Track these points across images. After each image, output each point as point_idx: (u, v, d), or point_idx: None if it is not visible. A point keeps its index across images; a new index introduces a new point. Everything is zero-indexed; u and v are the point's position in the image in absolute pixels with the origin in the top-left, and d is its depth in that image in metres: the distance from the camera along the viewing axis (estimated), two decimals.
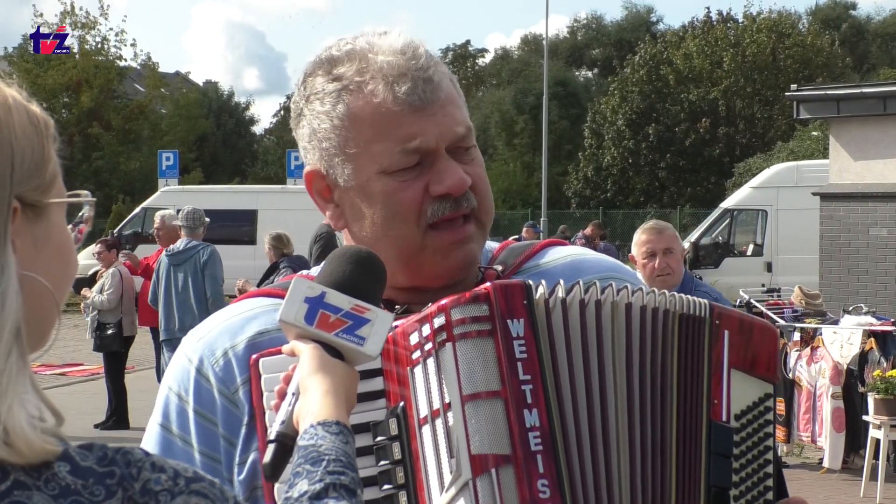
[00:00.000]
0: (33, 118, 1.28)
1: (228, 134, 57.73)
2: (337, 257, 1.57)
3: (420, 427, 1.50)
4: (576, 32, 63.38)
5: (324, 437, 1.34)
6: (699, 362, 1.63)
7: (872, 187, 13.80)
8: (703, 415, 1.62)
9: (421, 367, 1.51)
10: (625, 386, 1.56)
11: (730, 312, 1.69)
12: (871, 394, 9.12)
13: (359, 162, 1.70)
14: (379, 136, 1.68)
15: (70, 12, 42.81)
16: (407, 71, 1.68)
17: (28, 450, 1.15)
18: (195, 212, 10.85)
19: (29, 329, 1.23)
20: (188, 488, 1.20)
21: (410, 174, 1.69)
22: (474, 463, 1.45)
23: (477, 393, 1.47)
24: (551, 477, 1.45)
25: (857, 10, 64.05)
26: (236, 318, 1.74)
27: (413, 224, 1.69)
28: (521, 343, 1.50)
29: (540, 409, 1.48)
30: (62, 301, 1.30)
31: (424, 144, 1.67)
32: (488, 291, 1.52)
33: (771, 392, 1.69)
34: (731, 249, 23.39)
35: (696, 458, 1.60)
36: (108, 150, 42.75)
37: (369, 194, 1.71)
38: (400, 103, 1.67)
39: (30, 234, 1.25)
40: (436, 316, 1.51)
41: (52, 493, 1.15)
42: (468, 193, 1.71)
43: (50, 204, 1.27)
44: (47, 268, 1.26)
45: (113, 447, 1.20)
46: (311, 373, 1.43)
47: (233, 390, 1.68)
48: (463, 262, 1.72)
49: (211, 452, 1.68)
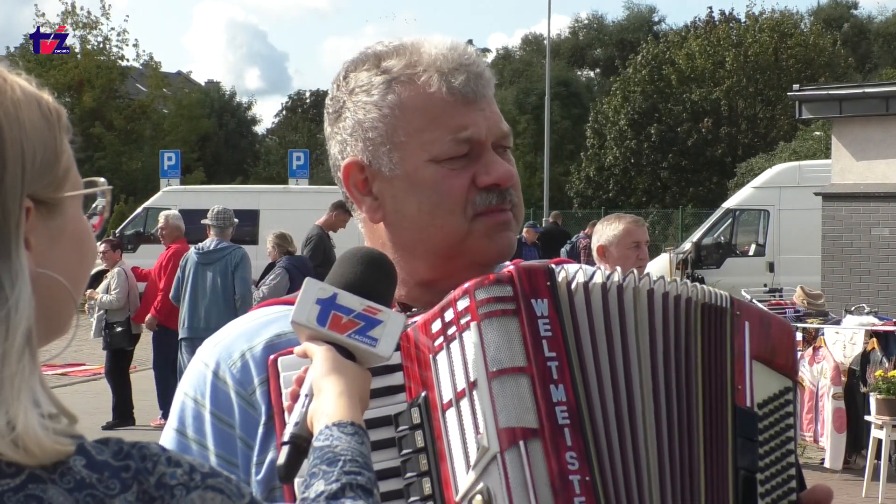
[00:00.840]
0: (45, 110, 1.27)
1: (230, 134, 57.75)
2: (348, 259, 1.57)
3: (444, 412, 1.50)
4: (578, 32, 63.37)
5: (339, 438, 1.34)
6: (722, 350, 1.64)
7: (874, 187, 13.79)
8: (728, 399, 1.63)
9: (444, 353, 1.52)
10: (649, 366, 1.57)
11: (749, 305, 1.71)
12: (873, 394, 9.12)
13: (408, 150, 1.73)
14: (431, 125, 1.72)
15: (71, 12, 42.84)
16: (460, 65, 1.73)
17: (40, 451, 1.15)
18: (225, 211, 10.83)
19: (47, 323, 1.24)
20: (204, 483, 1.20)
21: (459, 163, 1.72)
22: (502, 436, 1.45)
23: (503, 369, 1.47)
24: (579, 450, 1.46)
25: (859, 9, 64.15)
26: (253, 323, 1.76)
27: (460, 213, 1.72)
28: (546, 322, 1.50)
29: (566, 385, 1.48)
30: (80, 291, 1.30)
31: (476, 135, 1.72)
32: (511, 273, 1.53)
33: (791, 387, 1.70)
34: (733, 249, 23.37)
35: (722, 440, 1.61)
36: (110, 150, 42.74)
37: (417, 182, 1.73)
38: (454, 94, 1.72)
39: (44, 230, 1.24)
40: (460, 298, 1.52)
41: (67, 487, 1.15)
42: (511, 190, 1.75)
43: (64, 198, 1.26)
44: (63, 261, 1.26)
45: (129, 442, 1.20)
46: (324, 374, 1.43)
47: (250, 391, 1.69)
48: (506, 246, 1.75)
49: (227, 455, 1.69)
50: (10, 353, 1.17)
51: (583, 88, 55.92)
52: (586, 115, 48.87)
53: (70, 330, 1.31)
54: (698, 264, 22.15)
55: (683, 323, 1.61)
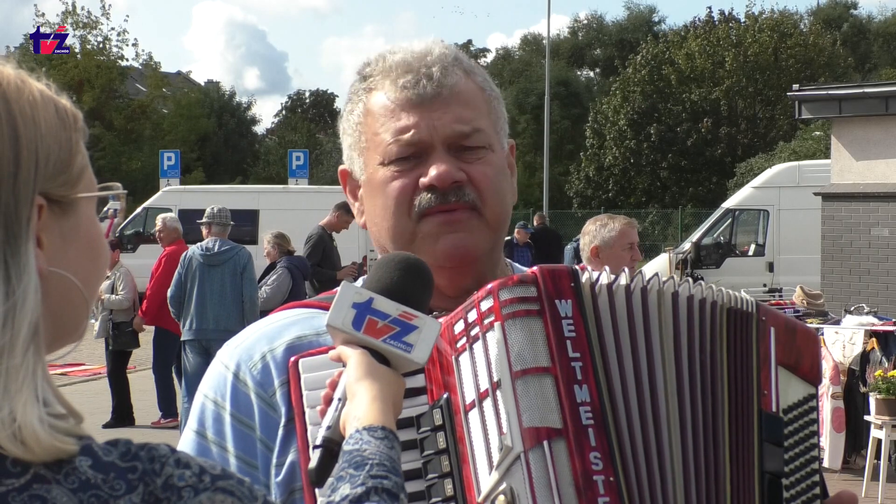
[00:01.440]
0: (61, 112, 1.28)
1: (230, 134, 57.74)
2: (385, 263, 1.57)
3: (466, 413, 1.50)
4: (577, 32, 63.38)
5: (368, 442, 1.34)
6: (748, 355, 1.64)
7: (874, 187, 13.79)
8: (755, 404, 1.63)
9: (467, 354, 1.52)
10: (674, 369, 1.56)
11: (775, 311, 1.71)
12: (872, 394, 9.12)
13: (367, 155, 1.79)
14: (381, 129, 1.76)
15: (72, 12, 42.85)
16: (412, 68, 1.76)
17: (38, 447, 1.15)
18: (224, 210, 10.79)
19: (59, 324, 1.24)
20: (214, 485, 1.20)
21: (406, 165, 1.75)
22: (526, 436, 1.44)
23: (527, 369, 1.47)
24: (603, 450, 1.45)
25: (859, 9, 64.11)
26: (273, 325, 1.77)
27: (405, 214, 1.75)
28: (570, 322, 1.50)
29: (590, 386, 1.48)
30: (93, 294, 1.30)
31: (416, 137, 1.74)
32: (535, 274, 1.53)
33: (815, 393, 1.70)
34: (733, 249, 23.36)
35: (748, 444, 1.60)
36: (109, 150, 42.76)
37: (374, 185, 1.78)
38: (400, 98, 1.75)
39: (57, 229, 1.25)
40: (483, 299, 1.52)
41: (72, 487, 1.15)
42: (462, 189, 1.74)
43: (78, 198, 1.27)
44: (76, 262, 1.27)
45: (138, 443, 1.20)
46: (358, 378, 1.43)
47: (270, 393, 1.69)
48: (454, 249, 1.74)
49: (247, 457, 1.69)
50: (15, 345, 1.17)
51: (582, 88, 55.93)
52: (586, 115, 48.88)
53: (81, 334, 1.31)
54: (698, 264, 22.14)
55: (708, 326, 1.61)
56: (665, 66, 46.35)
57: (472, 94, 1.79)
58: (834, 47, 47.96)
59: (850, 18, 59.45)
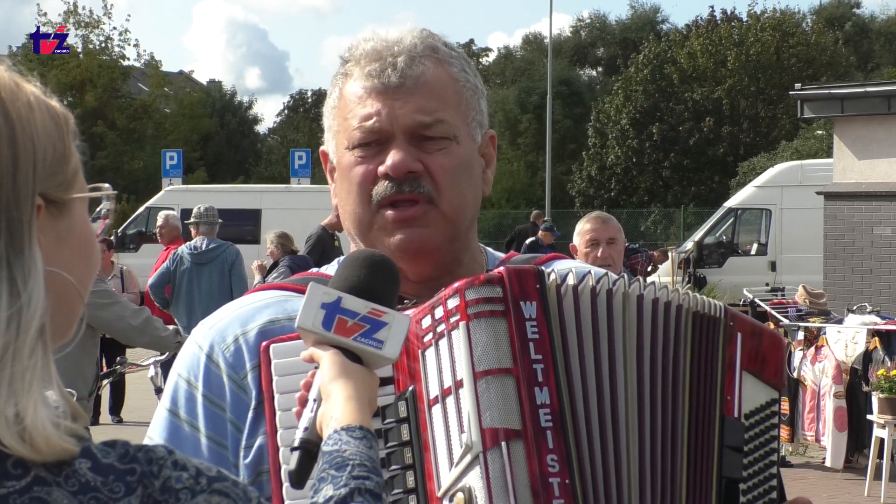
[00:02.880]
0: (54, 114, 1.30)
1: (232, 133, 57.73)
2: (351, 262, 1.58)
3: (430, 408, 1.52)
4: (580, 31, 63.36)
5: (348, 443, 1.34)
6: (713, 360, 1.66)
7: (876, 186, 13.79)
8: (717, 409, 1.64)
9: (433, 349, 1.54)
10: (635, 373, 1.58)
11: (742, 316, 1.72)
12: (875, 393, 9.12)
13: (338, 138, 1.83)
14: (349, 114, 1.79)
15: (73, 11, 42.88)
16: (380, 56, 1.78)
17: (47, 447, 1.16)
18: (211, 209, 10.92)
19: (54, 323, 1.24)
20: (210, 487, 1.20)
21: (368, 152, 1.77)
22: (485, 436, 1.47)
23: (489, 370, 1.49)
24: (560, 453, 1.47)
25: (862, 8, 64.05)
26: (247, 307, 1.78)
27: (366, 202, 1.77)
28: (534, 324, 1.52)
29: (550, 388, 1.50)
30: (86, 294, 1.31)
31: (377, 125, 1.76)
32: (502, 274, 1.54)
33: (777, 398, 1.72)
34: (735, 248, 23.37)
35: (708, 449, 1.62)
36: (112, 150, 42.78)
37: (341, 169, 1.82)
38: (366, 84, 1.78)
39: (53, 230, 1.26)
40: (450, 297, 1.54)
41: (72, 490, 1.16)
42: (418, 180, 1.75)
43: (72, 199, 1.28)
44: (71, 262, 1.28)
45: (136, 445, 1.21)
46: (332, 379, 1.44)
47: (242, 376, 1.71)
48: (407, 243, 1.76)
49: (218, 437, 1.71)
50: (21, 347, 1.18)
51: (584, 87, 55.88)
52: (588, 115, 48.84)
53: (78, 332, 1.31)
54: (700, 263, 22.15)
55: (673, 330, 1.62)
56: (667, 65, 46.32)
57: (440, 85, 1.79)
58: (836, 46, 47.91)
59: (852, 17, 59.38)
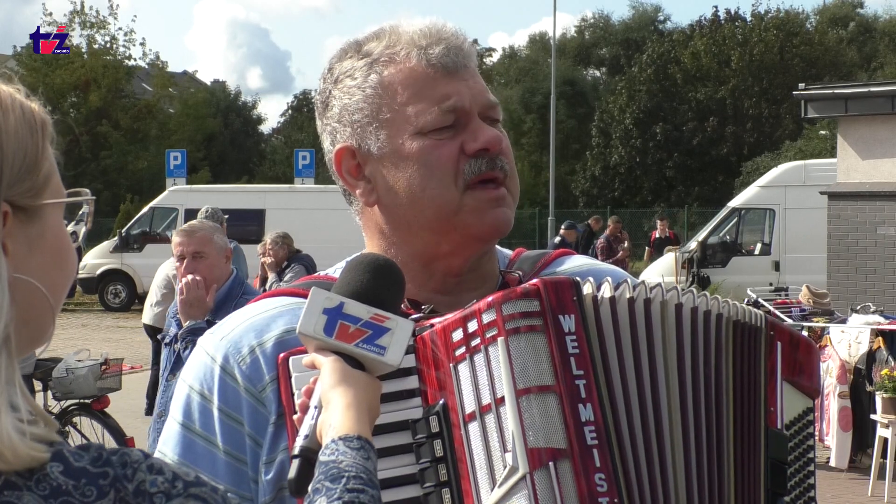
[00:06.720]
0: (29, 118, 1.26)
1: (236, 133, 57.70)
2: (354, 266, 1.55)
3: (466, 423, 1.49)
4: (583, 31, 63.30)
5: (344, 453, 1.33)
6: (755, 370, 1.63)
7: (880, 186, 13.77)
8: (761, 421, 1.61)
9: (467, 363, 1.50)
10: (677, 385, 1.55)
11: (781, 325, 1.69)
12: (878, 393, 9.11)
13: (393, 126, 1.72)
14: (413, 98, 1.71)
15: (80, 12, 42.91)
16: (439, 38, 1.74)
17: (13, 457, 1.14)
18: (217, 210, 11.05)
19: (24, 331, 1.22)
20: (186, 492, 1.19)
21: (446, 134, 1.71)
22: (531, 456, 1.44)
23: (530, 388, 1.46)
24: (607, 471, 1.45)
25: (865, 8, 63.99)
26: (261, 315, 1.72)
27: (451, 183, 1.70)
28: (573, 339, 1.49)
29: (594, 404, 1.47)
30: (59, 302, 1.29)
31: (459, 104, 1.71)
32: (538, 287, 1.51)
33: (812, 406, 1.70)
34: (739, 248, 23.33)
35: (755, 463, 1.60)
36: (116, 150, 42.80)
37: (405, 156, 1.71)
38: (434, 66, 1.72)
39: (23, 236, 1.23)
40: (485, 311, 1.50)
41: (43, 494, 1.15)
42: (502, 157, 1.73)
43: (44, 205, 1.26)
44: (42, 269, 1.25)
45: (110, 448, 1.19)
46: (332, 386, 1.42)
47: (260, 389, 1.65)
48: (498, 223, 1.71)
49: (236, 453, 1.66)
50: None
51: (588, 87, 55.82)
52: (592, 114, 48.84)
53: (45, 341, 1.29)
54: (704, 263, 22.12)
55: (714, 339, 1.59)
56: (671, 65, 46.30)
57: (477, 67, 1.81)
58: (840, 46, 47.88)
59: (856, 17, 59.25)
